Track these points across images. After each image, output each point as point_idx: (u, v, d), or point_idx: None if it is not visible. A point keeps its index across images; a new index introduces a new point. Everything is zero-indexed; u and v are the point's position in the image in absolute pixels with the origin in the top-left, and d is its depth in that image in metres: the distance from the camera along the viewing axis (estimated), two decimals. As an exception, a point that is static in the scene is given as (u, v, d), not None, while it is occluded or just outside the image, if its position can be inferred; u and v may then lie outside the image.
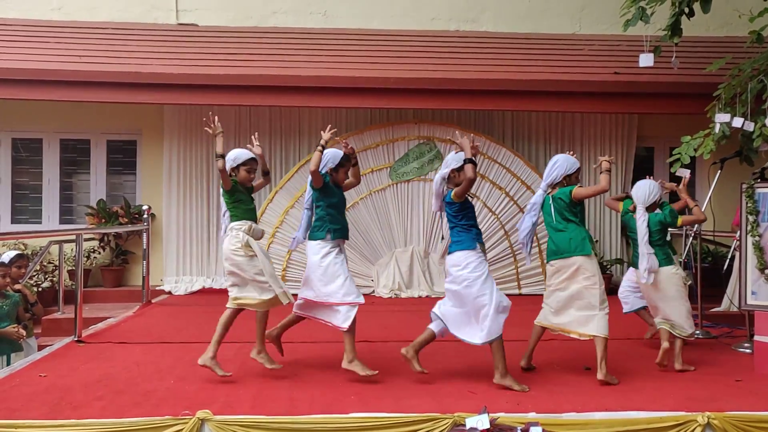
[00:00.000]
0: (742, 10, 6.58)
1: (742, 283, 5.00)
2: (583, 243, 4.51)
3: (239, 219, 4.51)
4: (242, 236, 4.44)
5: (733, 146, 6.09)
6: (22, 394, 3.98)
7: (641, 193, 4.87)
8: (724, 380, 4.45)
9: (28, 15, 8.84)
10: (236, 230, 4.47)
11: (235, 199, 4.53)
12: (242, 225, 4.49)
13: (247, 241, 4.43)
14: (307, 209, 4.69)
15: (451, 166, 4.43)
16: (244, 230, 4.46)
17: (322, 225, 4.59)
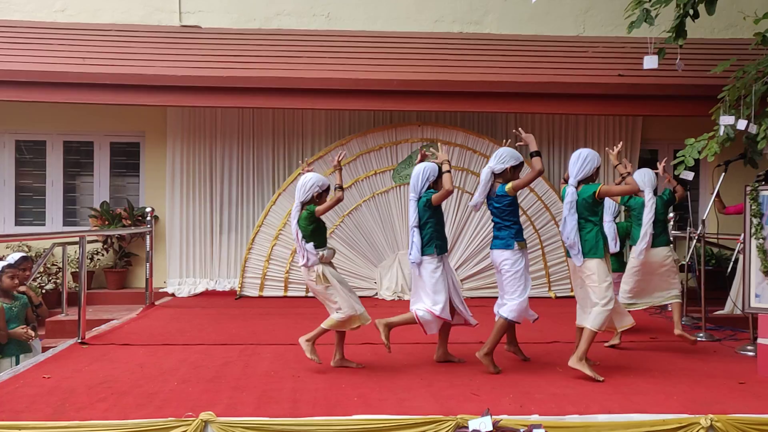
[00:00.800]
0: (747, 12, 6.58)
1: (746, 286, 4.99)
2: (596, 246, 4.53)
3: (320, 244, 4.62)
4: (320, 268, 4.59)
5: (738, 149, 6.09)
6: (26, 396, 3.98)
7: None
8: (727, 383, 4.43)
9: (31, 17, 8.88)
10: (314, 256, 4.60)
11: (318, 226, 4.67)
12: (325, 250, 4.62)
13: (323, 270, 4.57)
14: (416, 227, 4.71)
15: (509, 163, 4.60)
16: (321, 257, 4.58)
17: (431, 241, 4.69)
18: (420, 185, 4.72)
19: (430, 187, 4.74)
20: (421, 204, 4.69)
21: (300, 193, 4.63)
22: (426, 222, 4.68)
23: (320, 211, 4.57)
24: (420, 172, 4.72)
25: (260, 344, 5.51)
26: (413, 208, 4.71)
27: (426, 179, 4.71)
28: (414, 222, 4.68)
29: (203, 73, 7.73)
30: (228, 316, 6.95)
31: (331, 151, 8.51)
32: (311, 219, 4.58)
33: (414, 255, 4.66)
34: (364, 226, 8.47)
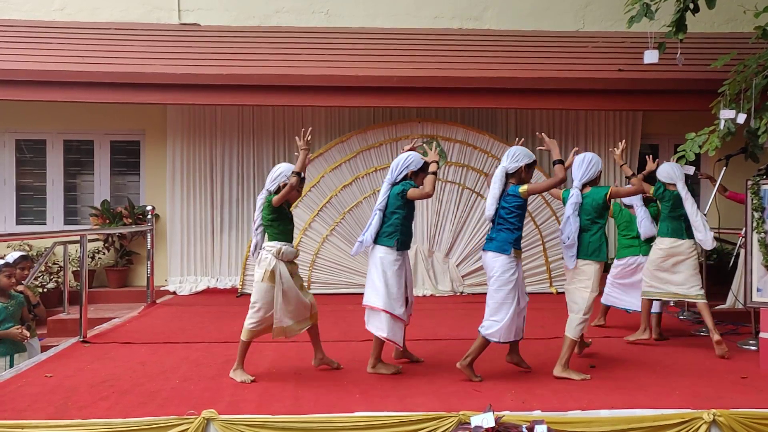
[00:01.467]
0: (747, 6, 6.55)
1: (748, 280, 4.98)
2: (600, 249, 4.53)
3: (275, 239, 4.43)
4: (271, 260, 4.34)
5: (738, 143, 6.07)
6: (28, 395, 3.99)
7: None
8: (729, 377, 4.43)
9: (30, 16, 8.86)
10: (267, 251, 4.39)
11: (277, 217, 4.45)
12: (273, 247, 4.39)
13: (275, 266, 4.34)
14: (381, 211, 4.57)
15: (523, 161, 4.42)
16: (273, 253, 4.36)
17: (394, 233, 4.51)
18: (398, 171, 4.55)
19: (407, 177, 4.55)
20: (394, 192, 4.51)
21: (268, 180, 4.49)
22: (393, 212, 4.50)
23: (276, 200, 4.35)
24: (403, 159, 4.57)
25: (262, 342, 5.48)
26: (384, 191, 4.54)
27: (405, 167, 4.54)
28: (380, 205, 4.51)
29: (203, 70, 7.72)
30: (229, 314, 6.94)
31: (331, 148, 8.52)
32: (270, 209, 4.39)
33: (366, 238, 4.49)
34: (364, 223, 8.41)
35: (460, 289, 8.40)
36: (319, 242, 8.37)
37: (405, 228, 4.54)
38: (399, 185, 4.52)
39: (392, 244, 4.47)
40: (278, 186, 4.42)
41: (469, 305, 7.45)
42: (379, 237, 4.50)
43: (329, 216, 8.42)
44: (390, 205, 4.51)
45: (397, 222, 4.49)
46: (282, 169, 4.49)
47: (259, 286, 4.37)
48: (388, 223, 4.49)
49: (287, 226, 4.48)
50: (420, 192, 4.45)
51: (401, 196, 4.48)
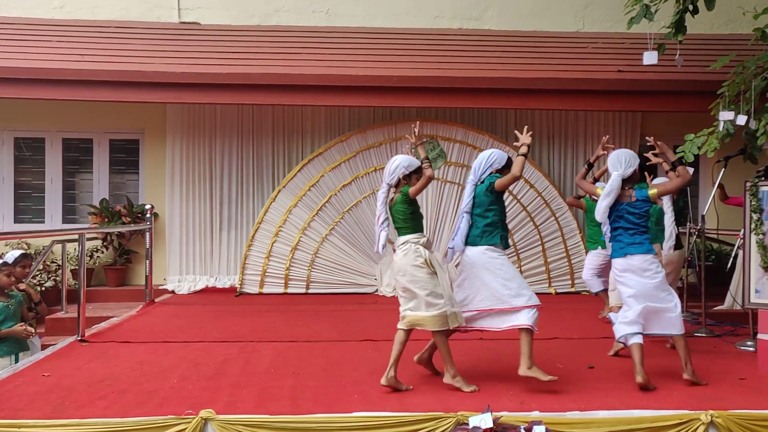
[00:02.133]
0: (746, 8, 6.56)
1: (746, 282, 4.98)
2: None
3: (414, 231, 4.27)
4: (423, 251, 4.18)
5: (737, 144, 6.07)
6: (26, 394, 3.98)
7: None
8: (727, 378, 4.43)
9: (30, 14, 8.85)
10: (412, 244, 4.22)
11: (414, 209, 4.30)
12: (419, 238, 4.24)
13: (429, 257, 4.18)
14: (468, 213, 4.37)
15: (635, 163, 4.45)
16: (422, 243, 4.22)
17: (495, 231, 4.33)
18: (481, 170, 4.35)
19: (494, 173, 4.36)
20: (481, 189, 4.31)
21: (386, 174, 4.34)
22: (489, 209, 4.27)
23: (414, 191, 4.21)
24: (486, 156, 4.38)
25: (260, 341, 5.51)
26: (469, 193, 4.34)
27: (490, 165, 4.35)
28: (467, 207, 4.30)
29: (202, 69, 7.71)
30: (228, 314, 6.95)
31: (330, 147, 8.51)
32: (407, 201, 4.26)
33: (457, 243, 4.30)
34: (365, 223, 8.46)
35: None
36: (319, 242, 8.37)
37: (503, 224, 4.37)
38: (486, 182, 4.33)
39: (497, 241, 4.27)
40: (398, 179, 4.29)
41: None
42: (478, 238, 4.27)
43: (329, 216, 8.42)
44: (481, 204, 4.29)
45: (496, 219, 4.29)
46: (399, 161, 4.32)
47: (421, 276, 4.14)
48: (486, 222, 4.27)
49: (421, 218, 4.39)
50: (509, 177, 4.25)
51: (490, 191, 4.29)
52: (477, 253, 4.26)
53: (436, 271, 4.17)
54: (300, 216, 8.38)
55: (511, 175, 4.24)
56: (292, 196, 8.39)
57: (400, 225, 4.30)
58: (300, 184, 8.41)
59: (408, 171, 4.30)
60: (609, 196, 4.38)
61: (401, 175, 4.30)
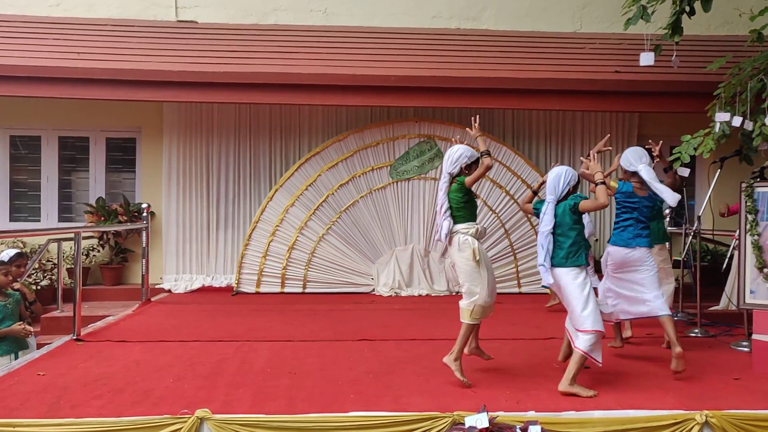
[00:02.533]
0: (743, 9, 6.58)
1: (741, 282, 5.00)
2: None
3: (466, 221, 4.33)
4: (471, 241, 4.26)
5: (733, 145, 6.09)
6: (21, 393, 3.97)
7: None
8: (722, 379, 4.45)
9: (26, 11, 8.82)
10: (462, 234, 4.29)
11: (469, 198, 4.36)
12: (469, 228, 4.31)
13: (477, 247, 4.26)
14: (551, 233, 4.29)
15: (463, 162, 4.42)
16: (471, 233, 4.28)
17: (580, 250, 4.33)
18: (561, 188, 4.30)
19: (570, 192, 4.34)
20: (564, 209, 4.26)
21: (447, 164, 4.39)
22: (572, 228, 4.23)
23: (470, 181, 4.28)
24: (562, 174, 4.32)
25: (257, 341, 5.51)
26: (550, 211, 4.27)
27: (567, 183, 4.31)
28: (550, 227, 4.24)
29: (200, 68, 7.70)
30: (224, 313, 6.94)
31: (328, 147, 8.51)
32: (463, 190, 4.32)
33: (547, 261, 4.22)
34: (362, 222, 8.47)
35: (456, 289, 8.40)
36: (316, 241, 8.37)
37: (586, 241, 4.36)
38: (570, 201, 4.29)
39: (583, 262, 4.24)
40: (460, 168, 4.36)
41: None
42: (564, 260, 4.21)
43: (325, 215, 8.42)
44: (564, 224, 4.25)
45: (579, 239, 4.26)
46: (461, 150, 4.38)
47: (468, 268, 4.27)
48: (570, 243, 4.21)
49: (475, 207, 4.45)
50: (594, 203, 4.28)
51: (574, 211, 4.26)
52: (562, 274, 4.23)
53: (479, 263, 4.26)
54: (297, 215, 8.37)
55: (599, 203, 4.24)
56: (289, 196, 8.39)
57: (453, 213, 4.36)
58: (297, 184, 8.40)
59: (470, 161, 4.39)
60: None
61: (464, 164, 4.38)
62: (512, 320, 6.53)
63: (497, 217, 8.43)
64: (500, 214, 8.46)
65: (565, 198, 4.32)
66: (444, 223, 4.35)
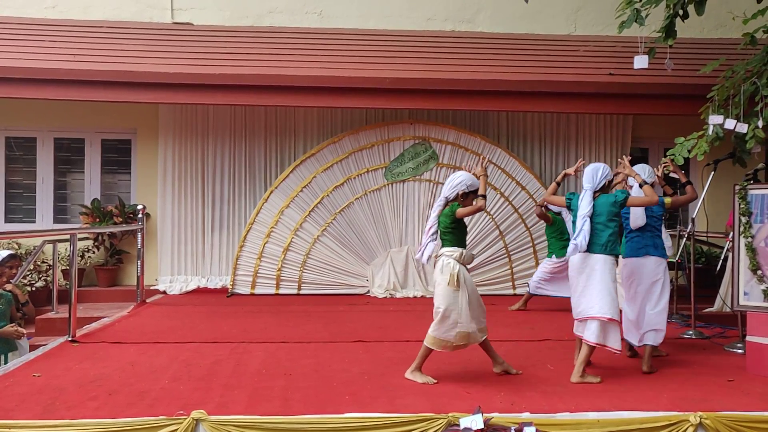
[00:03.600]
0: (736, 12, 6.62)
1: (735, 284, 5.03)
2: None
3: (451, 245, 4.36)
4: (453, 265, 4.29)
5: (727, 148, 6.12)
6: (16, 394, 3.97)
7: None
8: (716, 380, 4.47)
9: (22, 13, 8.82)
10: (446, 257, 4.33)
11: (457, 226, 4.40)
12: (453, 252, 4.34)
13: (459, 271, 4.29)
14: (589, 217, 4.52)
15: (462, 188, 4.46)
16: (455, 257, 4.32)
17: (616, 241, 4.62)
18: (599, 179, 4.57)
19: (606, 186, 4.62)
20: (609, 200, 4.52)
21: (447, 188, 4.43)
22: (612, 220, 4.49)
23: (461, 213, 4.33)
24: (600, 167, 4.61)
25: (252, 342, 5.51)
26: (589, 198, 4.51)
27: (604, 176, 4.59)
28: (588, 212, 4.47)
29: (195, 70, 7.71)
30: (219, 314, 6.94)
31: (323, 148, 8.52)
32: (451, 217, 4.36)
33: (581, 243, 4.42)
34: (356, 224, 8.48)
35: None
36: (311, 243, 8.38)
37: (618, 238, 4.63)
38: (619, 198, 4.54)
39: (618, 252, 4.59)
40: (457, 194, 4.39)
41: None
42: (602, 247, 4.47)
43: (320, 217, 8.42)
44: (604, 213, 4.49)
45: (617, 231, 4.54)
46: (462, 177, 4.42)
47: (446, 292, 4.27)
48: (610, 232, 4.48)
49: (464, 233, 4.48)
50: (643, 199, 4.57)
51: (621, 205, 4.55)
52: (598, 260, 4.47)
53: (459, 287, 4.27)
54: (292, 217, 8.38)
55: (649, 199, 4.53)
56: (285, 197, 8.39)
57: (441, 236, 4.43)
58: (292, 185, 8.41)
59: (468, 190, 4.42)
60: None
61: (461, 191, 4.40)
62: (506, 322, 6.55)
63: (492, 219, 8.46)
64: (495, 216, 8.48)
65: (602, 191, 4.59)
66: (428, 245, 4.39)
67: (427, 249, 4.38)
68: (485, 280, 8.39)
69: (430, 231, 4.41)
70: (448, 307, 4.26)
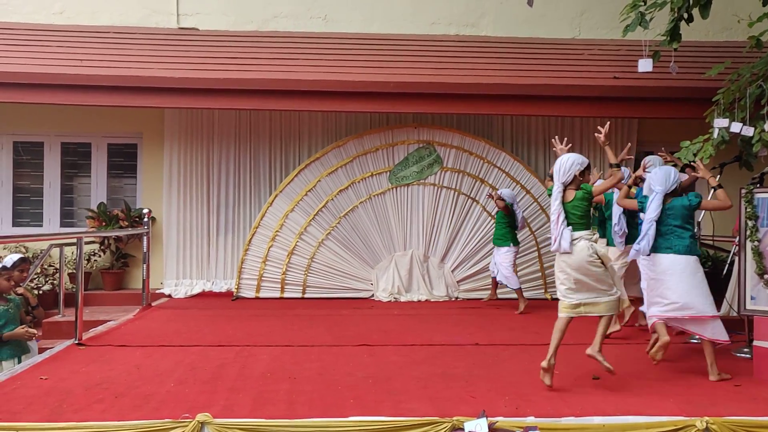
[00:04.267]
0: (741, 15, 6.61)
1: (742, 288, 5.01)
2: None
3: (588, 228, 4.38)
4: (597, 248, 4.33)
5: (733, 151, 6.11)
6: (23, 397, 3.98)
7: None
8: (723, 385, 4.45)
9: (29, 19, 8.88)
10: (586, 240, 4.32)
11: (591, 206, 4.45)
12: (591, 234, 4.38)
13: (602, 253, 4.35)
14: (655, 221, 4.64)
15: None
16: (594, 239, 4.37)
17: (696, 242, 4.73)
18: (671, 182, 4.65)
19: (677, 189, 4.69)
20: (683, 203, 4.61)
21: (560, 174, 4.38)
22: (689, 221, 4.61)
23: (599, 189, 4.43)
24: (671, 171, 4.70)
25: (257, 345, 5.52)
26: (658, 201, 4.59)
27: (676, 180, 4.68)
28: (656, 215, 4.58)
29: (200, 75, 7.75)
30: (224, 318, 6.95)
31: (327, 152, 8.54)
32: (587, 198, 4.35)
33: (644, 247, 4.58)
34: (361, 228, 8.49)
35: (455, 294, 8.42)
36: (315, 246, 8.39)
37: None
38: (684, 198, 4.63)
39: (699, 252, 4.69)
40: (574, 176, 4.36)
41: (464, 311, 7.48)
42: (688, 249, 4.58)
43: (325, 220, 8.44)
44: (681, 216, 4.60)
45: (694, 232, 4.66)
46: (573, 158, 4.39)
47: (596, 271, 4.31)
48: (690, 234, 4.60)
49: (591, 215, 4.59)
50: (717, 204, 4.70)
51: (695, 207, 4.64)
52: (681, 261, 4.57)
53: (605, 264, 4.37)
54: (297, 221, 8.40)
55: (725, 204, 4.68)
56: (289, 201, 8.41)
57: (575, 221, 4.36)
58: (297, 189, 8.43)
59: (582, 167, 4.42)
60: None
61: (577, 171, 4.39)
62: (511, 325, 6.55)
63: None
64: (500, 220, 8.47)
65: (673, 194, 4.66)
66: (564, 233, 4.33)
67: (565, 236, 4.32)
68: (488, 284, 8.38)
69: (560, 219, 4.33)
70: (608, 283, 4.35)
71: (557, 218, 4.34)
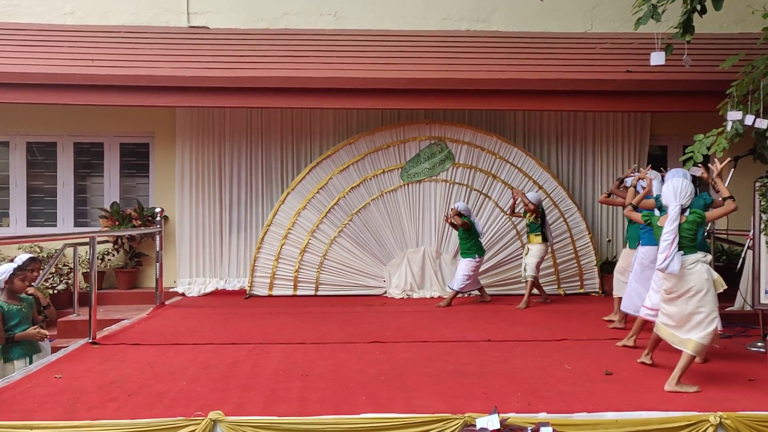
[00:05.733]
0: (756, 6, 6.53)
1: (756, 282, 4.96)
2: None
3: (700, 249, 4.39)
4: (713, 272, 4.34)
5: (747, 144, 6.04)
6: (38, 396, 4.03)
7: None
8: (736, 380, 4.42)
9: (41, 19, 8.95)
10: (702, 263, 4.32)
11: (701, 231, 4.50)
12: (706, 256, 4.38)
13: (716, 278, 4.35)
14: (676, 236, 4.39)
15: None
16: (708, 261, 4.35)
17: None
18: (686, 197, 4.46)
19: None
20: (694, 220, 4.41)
21: (680, 197, 4.35)
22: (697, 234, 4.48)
23: (712, 216, 4.52)
24: (689, 183, 4.52)
25: (269, 343, 5.54)
26: (677, 214, 4.37)
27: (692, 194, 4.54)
28: (675, 229, 4.33)
29: (211, 73, 7.77)
30: (237, 316, 6.99)
31: (339, 149, 8.54)
32: (698, 223, 4.38)
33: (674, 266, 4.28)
34: (373, 225, 8.49)
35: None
36: (327, 244, 8.40)
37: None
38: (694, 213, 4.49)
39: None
40: (690, 200, 4.39)
41: (476, 307, 7.46)
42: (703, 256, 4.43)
43: (337, 218, 8.45)
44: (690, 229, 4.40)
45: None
46: (689, 185, 4.42)
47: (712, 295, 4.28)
48: (699, 242, 4.48)
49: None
50: (722, 211, 4.54)
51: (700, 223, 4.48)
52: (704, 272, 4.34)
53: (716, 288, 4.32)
54: (309, 218, 8.41)
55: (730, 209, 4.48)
56: (301, 199, 8.42)
57: (686, 244, 4.35)
58: (309, 187, 8.44)
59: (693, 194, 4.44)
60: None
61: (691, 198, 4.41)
62: (523, 322, 6.52)
63: (509, 218, 8.41)
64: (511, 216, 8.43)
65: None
66: (676, 256, 4.28)
67: (676, 259, 4.28)
68: (501, 280, 8.37)
69: (675, 243, 4.29)
70: (714, 310, 4.25)
71: (672, 239, 4.30)
